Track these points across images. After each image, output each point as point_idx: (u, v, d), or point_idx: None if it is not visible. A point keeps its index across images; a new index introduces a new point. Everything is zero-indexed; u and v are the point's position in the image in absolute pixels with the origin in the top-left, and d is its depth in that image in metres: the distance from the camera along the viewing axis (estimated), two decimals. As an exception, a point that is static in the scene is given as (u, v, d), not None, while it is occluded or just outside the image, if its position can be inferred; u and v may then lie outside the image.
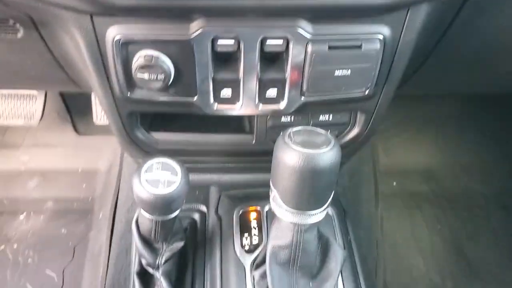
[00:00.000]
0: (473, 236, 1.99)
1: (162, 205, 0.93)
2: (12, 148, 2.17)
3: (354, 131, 1.14)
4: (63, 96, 2.20)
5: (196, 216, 1.25)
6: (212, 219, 1.21)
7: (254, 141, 1.13)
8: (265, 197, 1.13)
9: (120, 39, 0.89)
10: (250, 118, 1.16)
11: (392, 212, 2.04)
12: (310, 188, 0.83)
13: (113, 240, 1.70)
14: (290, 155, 0.81)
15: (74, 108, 2.22)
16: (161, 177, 0.92)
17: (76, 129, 2.22)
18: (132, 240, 1.23)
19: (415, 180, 2.16)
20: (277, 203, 0.89)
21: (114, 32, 0.89)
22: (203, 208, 1.26)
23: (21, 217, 2.00)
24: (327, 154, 0.81)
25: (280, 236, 0.93)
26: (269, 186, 0.93)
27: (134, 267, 1.15)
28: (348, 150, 1.17)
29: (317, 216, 0.89)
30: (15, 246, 1.90)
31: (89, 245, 1.88)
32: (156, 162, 0.94)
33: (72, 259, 1.85)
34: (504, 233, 2.00)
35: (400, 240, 1.97)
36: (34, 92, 1.97)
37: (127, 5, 0.82)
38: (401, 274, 1.86)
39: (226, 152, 1.18)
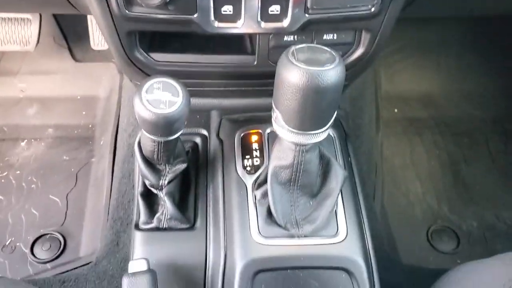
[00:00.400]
0: (471, 161, 2.01)
1: (164, 125, 0.92)
2: (9, 75, 2.14)
3: (359, 51, 1.11)
4: (58, 22, 2.14)
5: (198, 140, 1.25)
6: (213, 142, 1.22)
7: (255, 62, 1.11)
8: (267, 120, 1.13)
9: None
10: (252, 38, 1.12)
11: (392, 138, 2.05)
12: (313, 107, 0.82)
13: (115, 165, 1.72)
14: (293, 73, 0.79)
15: (70, 34, 2.17)
16: (162, 97, 0.91)
17: (73, 56, 2.18)
18: (135, 164, 1.23)
19: (415, 106, 2.15)
20: (279, 124, 0.89)
21: None
22: (204, 132, 1.26)
23: (22, 144, 2.00)
24: (332, 72, 0.79)
25: (281, 157, 0.94)
26: (270, 110, 0.92)
27: (138, 189, 1.16)
28: (352, 72, 1.16)
29: (319, 136, 0.88)
30: (17, 172, 1.92)
31: (92, 171, 1.90)
32: (156, 81, 0.93)
33: (75, 184, 1.88)
34: (502, 158, 2.02)
35: (398, 165, 1.99)
36: (28, 15, 1.91)
37: None
38: (398, 197, 1.90)
39: (227, 74, 1.16)
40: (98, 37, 2.00)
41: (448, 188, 1.93)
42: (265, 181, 1.00)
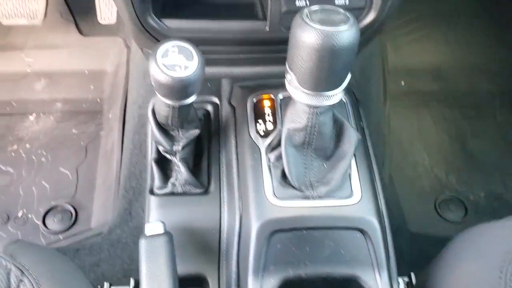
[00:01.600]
0: (479, 132, 2.02)
1: (180, 89, 0.93)
2: (16, 50, 2.14)
3: (370, 16, 1.11)
4: None
5: (209, 108, 1.26)
6: (225, 108, 1.22)
7: (267, 28, 1.11)
8: (278, 86, 1.13)
9: None
10: (263, 3, 1.12)
11: (400, 110, 2.05)
12: (328, 68, 0.83)
13: (125, 136, 1.73)
14: (308, 34, 0.79)
15: (76, 8, 2.16)
16: (177, 61, 0.91)
17: (79, 30, 2.18)
18: (148, 131, 1.24)
19: (423, 79, 2.15)
20: (293, 85, 0.89)
21: None
22: (215, 99, 1.27)
23: (31, 118, 2.02)
24: (347, 32, 0.79)
25: (295, 119, 0.94)
26: (282, 77, 0.92)
27: (151, 155, 1.17)
28: (363, 38, 1.15)
29: (333, 98, 0.89)
30: (27, 145, 1.94)
31: (101, 144, 1.92)
32: (171, 45, 0.93)
33: (85, 157, 1.89)
34: (509, 129, 2.02)
35: (406, 137, 2.00)
36: (35, -11, 1.91)
37: None
38: (406, 168, 1.91)
39: (239, 40, 1.16)
40: (105, 11, 2.00)
41: (456, 160, 1.94)
42: (278, 144, 1.00)
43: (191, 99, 0.99)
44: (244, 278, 0.97)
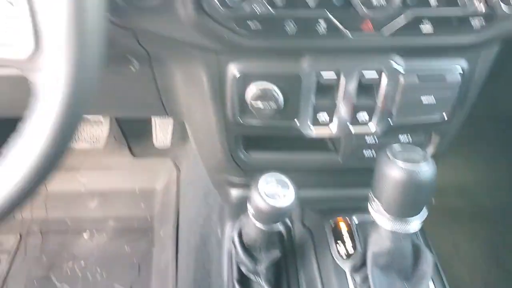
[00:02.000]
0: (511, 247, 2.12)
1: (277, 215, 1.06)
2: (72, 171, 2.30)
3: (429, 151, 1.28)
4: (119, 122, 2.35)
5: (281, 228, 1.38)
6: (298, 230, 1.34)
7: (340, 159, 1.26)
8: (351, 209, 1.27)
9: (239, 74, 1.03)
10: (334, 138, 1.29)
11: (433, 227, 2.16)
12: (412, 199, 0.97)
13: (181, 254, 1.83)
14: (395, 171, 0.94)
15: (131, 132, 2.36)
16: (276, 191, 1.06)
17: (131, 152, 2.36)
18: (223, 252, 1.35)
19: (451, 196, 2.29)
20: (379, 212, 1.02)
21: (234, 68, 1.03)
22: (287, 221, 1.39)
23: (85, 235, 2.12)
24: (428, 169, 0.94)
25: (380, 244, 1.06)
26: (350, 199, 1.06)
27: (232, 275, 1.27)
28: None
29: (415, 224, 1.02)
30: (82, 263, 2.02)
31: (153, 261, 2.00)
32: (269, 177, 1.08)
33: (139, 274, 1.97)
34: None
35: (443, 252, 2.08)
36: (99, 117, 2.12)
37: (253, 46, 0.97)
38: (447, 285, 1.98)
39: (313, 169, 1.32)
40: (160, 135, 2.19)
41: (492, 275, 2.02)
42: (361, 266, 1.11)
43: (281, 224, 1.12)
44: None
